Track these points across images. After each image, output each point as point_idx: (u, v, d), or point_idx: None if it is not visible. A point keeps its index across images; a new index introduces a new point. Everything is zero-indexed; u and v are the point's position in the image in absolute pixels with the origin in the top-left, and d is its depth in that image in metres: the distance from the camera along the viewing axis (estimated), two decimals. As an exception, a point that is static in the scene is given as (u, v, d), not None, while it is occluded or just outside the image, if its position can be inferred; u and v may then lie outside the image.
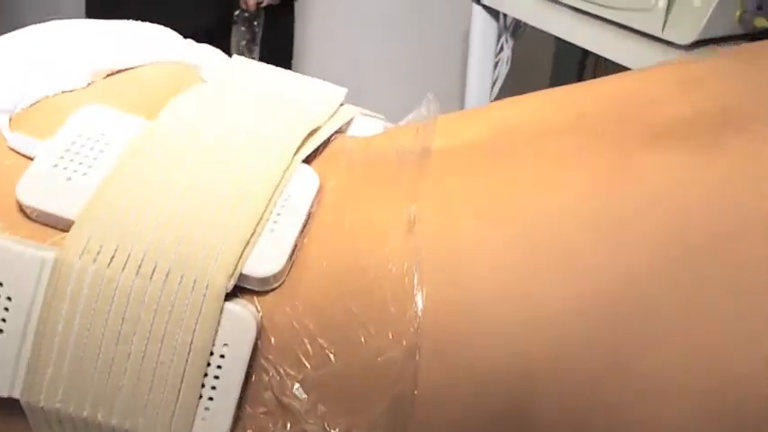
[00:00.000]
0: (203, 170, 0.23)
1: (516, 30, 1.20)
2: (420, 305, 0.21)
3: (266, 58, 1.32)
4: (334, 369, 0.22)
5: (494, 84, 1.23)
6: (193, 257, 0.21)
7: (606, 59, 0.95)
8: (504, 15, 1.15)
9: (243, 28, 1.26)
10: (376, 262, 0.22)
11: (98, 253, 0.21)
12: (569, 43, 1.02)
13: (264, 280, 0.22)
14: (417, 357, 0.22)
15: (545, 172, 0.23)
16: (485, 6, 1.13)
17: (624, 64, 0.90)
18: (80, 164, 0.23)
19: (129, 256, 0.21)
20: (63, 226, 0.22)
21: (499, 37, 1.19)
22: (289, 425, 0.23)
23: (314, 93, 0.30)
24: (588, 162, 0.22)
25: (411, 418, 0.22)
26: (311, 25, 1.80)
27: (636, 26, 0.88)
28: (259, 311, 0.22)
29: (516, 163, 0.23)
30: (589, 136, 0.24)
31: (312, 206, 0.24)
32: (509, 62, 1.21)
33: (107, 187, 0.22)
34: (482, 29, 1.17)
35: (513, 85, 1.25)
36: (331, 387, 0.22)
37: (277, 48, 1.40)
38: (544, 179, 0.22)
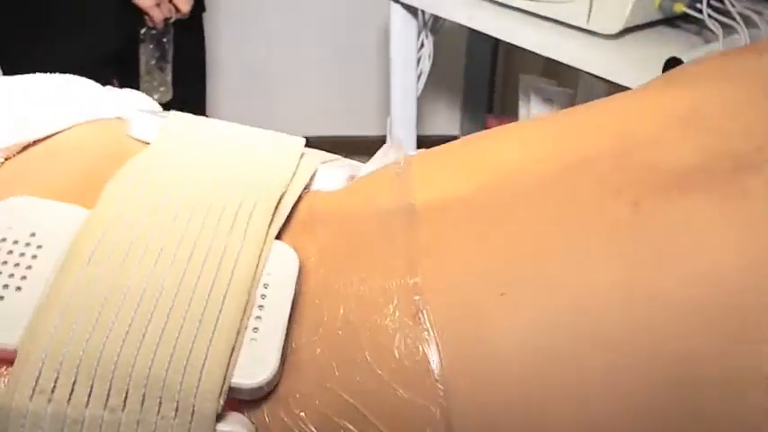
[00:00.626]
0: (161, 268, 0.20)
1: (435, 25, 1.18)
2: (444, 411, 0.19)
3: (179, 74, 1.26)
4: None
5: (418, 78, 1.21)
6: (171, 380, 0.18)
7: (521, 48, 0.94)
8: (423, 12, 1.13)
9: (151, 46, 1.20)
10: (380, 356, 0.20)
11: (53, 390, 0.17)
12: (482, 35, 1.01)
13: (256, 390, 0.19)
14: None
15: (556, 237, 0.20)
16: (403, 4, 1.11)
17: (549, 56, 0.90)
18: (10, 276, 0.20)
19: (91, 386, 0.18)
20: (2, 356, 0.18)
21: (419, 33, 1.17)
22: None
23: (269, 149, 0.27)
24: (604, 217, 0.20)
25: None
26: (222, 36, 1.73)
27: (561, 18, 0.88)
28: (254, 423, 0.19)
29: (519, 227, 0.21)
30: (593, 183, 0.22)
31: (295, 291, 0.21)
32: (431, 57, 1.20)
33: (50, 305, 0.18)
34: (401, 26, 1.15)
35: (433, 78, 1.24)
36: None
37: (189, 63, 1.33)
38: (558, 246, 0.20)
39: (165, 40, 1.21)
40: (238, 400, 0.19)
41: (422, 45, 1.20)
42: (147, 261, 0.20)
